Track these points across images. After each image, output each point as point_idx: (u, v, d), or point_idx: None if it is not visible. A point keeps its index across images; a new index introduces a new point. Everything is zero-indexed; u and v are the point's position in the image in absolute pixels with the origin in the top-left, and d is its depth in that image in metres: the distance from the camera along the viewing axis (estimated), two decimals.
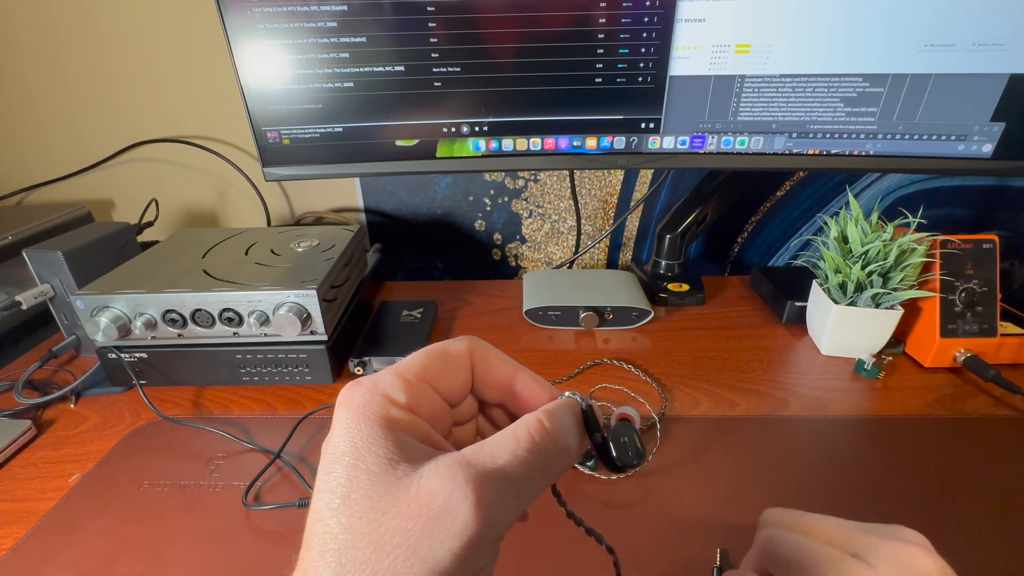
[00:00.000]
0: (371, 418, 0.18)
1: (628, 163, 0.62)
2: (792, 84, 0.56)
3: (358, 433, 0.18)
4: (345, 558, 0.16)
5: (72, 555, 0.39)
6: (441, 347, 0.21)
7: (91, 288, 0.53)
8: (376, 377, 0.20)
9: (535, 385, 0.22)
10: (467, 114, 0.59)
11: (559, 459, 0.19)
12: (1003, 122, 0.55)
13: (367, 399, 0.19)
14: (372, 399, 0.19)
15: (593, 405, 0.21)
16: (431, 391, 0.20)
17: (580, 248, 0.86)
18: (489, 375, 0.22)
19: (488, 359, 0.22)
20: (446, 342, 0.22)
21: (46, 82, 0.77)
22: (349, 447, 0.18)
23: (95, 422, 0.53)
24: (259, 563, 0.38)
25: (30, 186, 0.83)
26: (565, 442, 0.20)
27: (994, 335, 0.55)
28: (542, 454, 0.19)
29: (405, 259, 0.90)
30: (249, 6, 0.53)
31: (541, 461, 0.18)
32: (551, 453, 0.19)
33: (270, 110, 0.58)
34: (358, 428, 0.18)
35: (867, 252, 0.55)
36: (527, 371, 0.22)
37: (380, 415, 0.18)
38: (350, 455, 0.17)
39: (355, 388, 0.19)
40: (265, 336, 0.54)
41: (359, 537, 0.16)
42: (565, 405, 0.21)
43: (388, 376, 0.20)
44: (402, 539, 0.16)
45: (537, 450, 0.18)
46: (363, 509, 0.16)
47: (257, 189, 0.82)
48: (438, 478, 0.17)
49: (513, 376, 0.22)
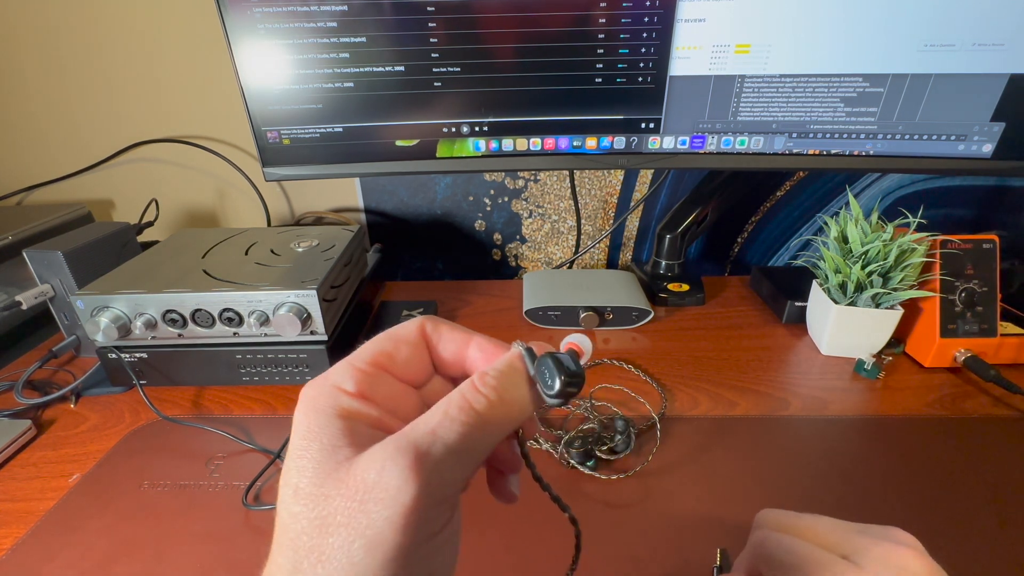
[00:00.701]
0: (318, 409, 0.19)
1: (628, 163, 0.62)
2: (792, 84, 0.56)
3: (306, 425, 0.18)
4: (297, 544, 0.17)
5: (72, 555, 0.39)
6: (391, 331, 0.22)
7: (91, 288, 0.53)
8: (328, 371, 0.20)
9: (490, 348, 0.22)
10: (467, 114, 0.59)
11: (503, 412, 0.19)
12: (1003, 122, 0.55)
13: (316, 392, 0.19)
14: (321, 391, 0.19)
15: (532, 347, 0.21)
16: (386, 376, 0.21)
17: (580, 248, 0.86)
18: (444, 348, 0.22)
19: (439, 332, 0.22)
20: (397, 326, 0.22)
21: (46, 82, 0.78)
22: (298, 439, 0.18)
23: (95, 422, 0.53)
24: (259, 563, 0.38)
25: (30, 186, 0.83)
26: (508, 395, 0.19)
27: (994, 335, 0.55)
28: (477, 412, 0.18)
29: (405, 259, 0.90)
30: (249, 6, 0.53)
31: (477, 419, 0.18)
32: (490, 409, 0.19)
33: (270, 110, 0.58)
34: (306, 420, 0.19)
35: (867, 252, 0.55)
36: (481, 336, 0.22)
37: (328, 405, 0.19)
38: (298, 447, 0.18)
39: (309, 384, 0.20)
40: (265, 336, 0.54)
41: (307, 523, 0.17)
42: (506, 359, 0.21)
43: (338, 367, 0.20)
44: (343, 518, 0.16)
45: (471, 409, 0.18)
46: (308, 497, 0.17)
47: (257, 189, 0.82)
48: (372, 456, 0.17)
49: (467, 343, 0.22)
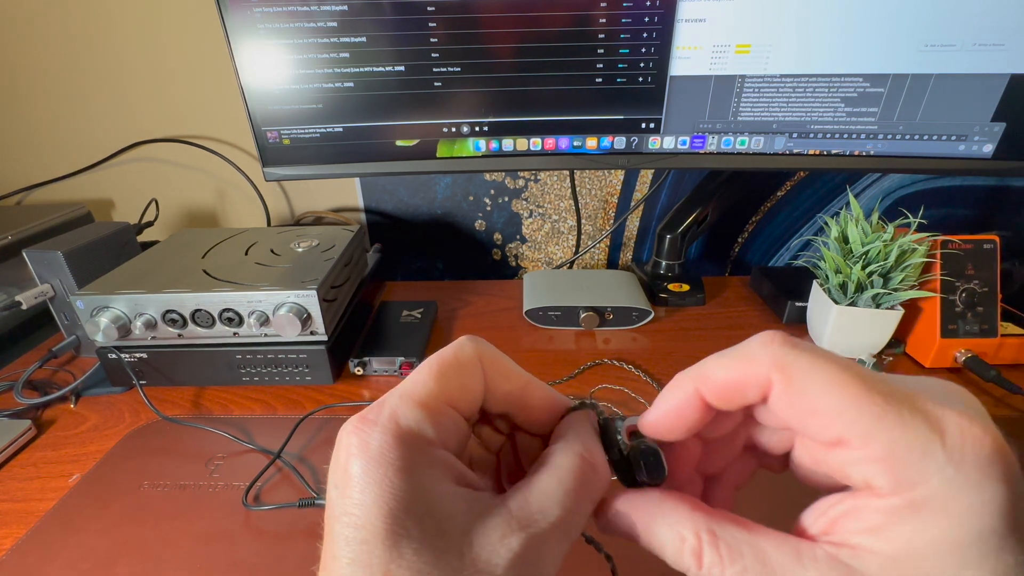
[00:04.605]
0: (399, 470, 0.15)
1: (628, 163, 0.62)
2: (793, 84, 0.56)
3: (389, 493, 0.15)
4: None
5: (72, 555, 0.39)
6: (452, 357, 0.18)
7: (91, 288, 0.53)
8: (392, 411, 0.16)
9: (547, 396, 0.21)
10: (467, 114, 0.59)
11: (600, 489, 0.18)
12: (1003, 122, 0.55)
13: (389, 445, 0.15)
14: (396, 444, 0.15)
15: (610, 419, 0.20)
16: (454, 414, 0.18)
17: (580, 248, 0.86)
18: (500, 386, 0.19)
19: (499, 367, 0.19)
20: (455, 350, 0.19)
21: (46, 82, 0.77)
22: (380, 513, 0.14)
23: (95, 422, 0.53)
24: (259, 563, 0.38)
25: (30, 186, 0.83)
26: (606, 475, 0.18)
27: (995, 335, 0.55)
28: (589, 494, 0.17)
29: (405, 259, 0.90)
30: (249, 6, 0.53)
31: (589, 501, 0.17)
32: (595, 488, 0.18)
33: (270, 110, 0.58)
34: (388, 486, 0.15)
35: (867, 252, 0.55)
36: (536, 380, 0.21)
37: (410, 465, 0.15)
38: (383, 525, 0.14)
39: (369, 430, 0.16)
40: (265, 336, 0.54)
41: None
42: (584, 424, 0.19)
43: (407, 408, 0.17)
44: None
45: (586, 493, 0.17)
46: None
47: (257, 189, 0.82)
48: (492, 548, 0.15)
49: (525, 387, 0.20)
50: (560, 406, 0.21)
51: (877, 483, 0.15)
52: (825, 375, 0.15)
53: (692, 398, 0.18)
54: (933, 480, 0.14)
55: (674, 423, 0.18)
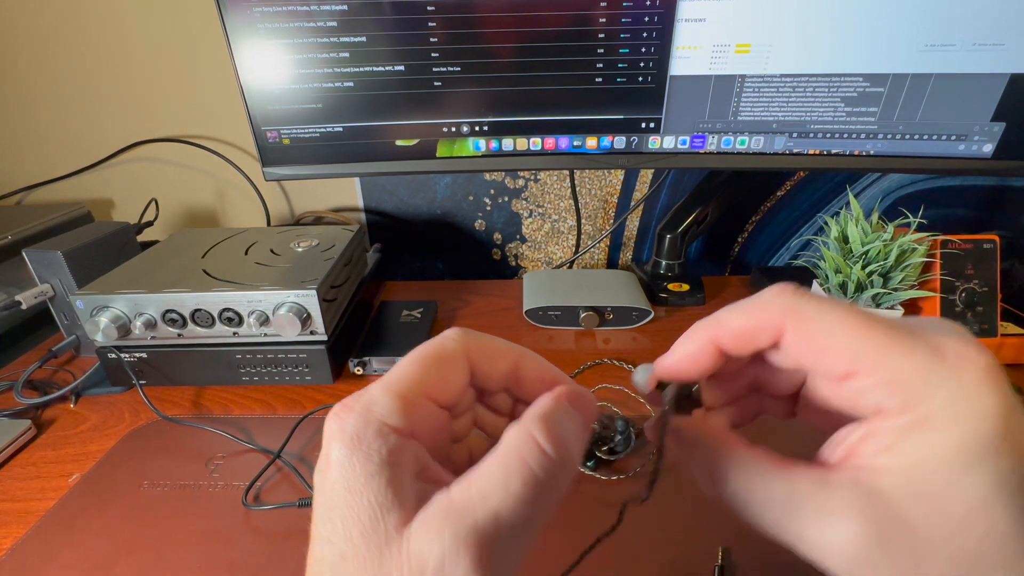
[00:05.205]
0: (365, 453, 0.16)
1: (628, 163, 0.62)
2: (792, 84, 0.56)
3: (352, 473, 0.16)
4: None
5: (72, 555, 0.39)
6: (434, 351, 0.19)
7: (91, 288, 0.53)
8: (369, 400, 0.17)
9: (538, 368, 0.21)
10: (467, 114, 0.59)
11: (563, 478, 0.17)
12: (1003, 122, 0.55)
13: (361, 430, 0.17)
14: (366, 429, 0.17)
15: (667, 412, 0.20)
16: (431, 405, 0.18)
17: (580, 248, 0.86)
18: (491, 368, 0.20)
19: (487, 351, 0.20)
20: (438, 342, 0.20)
21: (45, 82, 0.77)
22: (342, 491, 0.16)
23: (95, 422, 0.53)
24: (259, 563, 0.38)
25: (30, 185, 0.83)
26: (567, 455, 0.17)
27: (995, 335, 0.55)
28: (539, 482, 0.16)
29: (405, 259, 0.90)
30: (249, 6, 0.53)
31: (540, 489, 0.16)
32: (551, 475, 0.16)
33: (270, 110, 0.58)
34: (352, 467, 0.16)
35: (867, 252, 0.55)
36: (531, 354, 0.21)
37: (376, 449, 0.16)
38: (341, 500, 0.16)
39: (346, 415, 0.17)
40: (265, 336, 0.54)
41: None
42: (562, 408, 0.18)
43: (382, 397, 0.17)
44: None
45: (534, 479, 0.16)
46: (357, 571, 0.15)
47: (257, 189, 0.82)
48: (427, 536, 0.15)
49: (517, 362, 0.21)
50: (552, 376, 0.21)
51: (887, 405, 0.17)
52: (833, 316, 0.18)
53: (707, 345, 0.20)
54: (937, 396, 0.16)
55: (689, 367, 0.20)
